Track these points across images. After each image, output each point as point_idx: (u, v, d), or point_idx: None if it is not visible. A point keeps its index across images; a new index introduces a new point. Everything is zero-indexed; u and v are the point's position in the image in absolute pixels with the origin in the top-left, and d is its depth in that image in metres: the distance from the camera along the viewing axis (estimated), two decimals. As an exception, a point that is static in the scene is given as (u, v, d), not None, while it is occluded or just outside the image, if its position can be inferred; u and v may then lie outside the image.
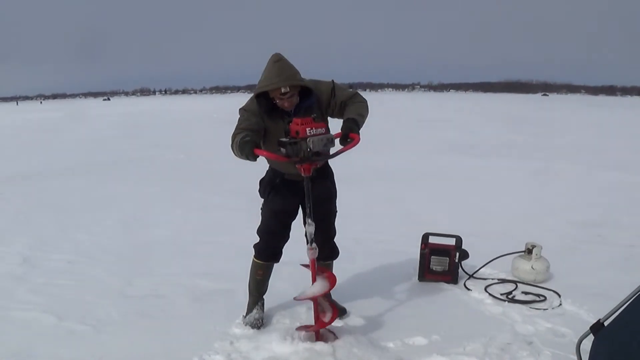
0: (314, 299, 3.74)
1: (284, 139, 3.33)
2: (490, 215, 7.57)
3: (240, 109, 3.69)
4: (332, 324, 3.83)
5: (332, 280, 3.67)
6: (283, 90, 3.45)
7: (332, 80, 3.82)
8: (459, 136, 19.33)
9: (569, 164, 12.44)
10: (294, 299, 3.87)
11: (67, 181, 10.87)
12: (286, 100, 3.52)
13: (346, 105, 3.71)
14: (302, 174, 3.44)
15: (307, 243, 3.64)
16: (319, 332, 3.79)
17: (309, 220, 3.58)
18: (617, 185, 9.88)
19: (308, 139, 3.22)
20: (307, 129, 3.24)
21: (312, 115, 3.43)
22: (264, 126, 3.63)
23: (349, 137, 3.47)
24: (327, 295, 3.83)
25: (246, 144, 3.29)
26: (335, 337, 3.78)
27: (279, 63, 3.46)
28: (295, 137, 3.27)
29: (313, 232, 3.59)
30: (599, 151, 15.02)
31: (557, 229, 6.78)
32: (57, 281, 5.09)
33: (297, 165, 3.41)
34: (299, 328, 3.92)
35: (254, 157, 3.30)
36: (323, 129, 3.31)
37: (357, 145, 3.48)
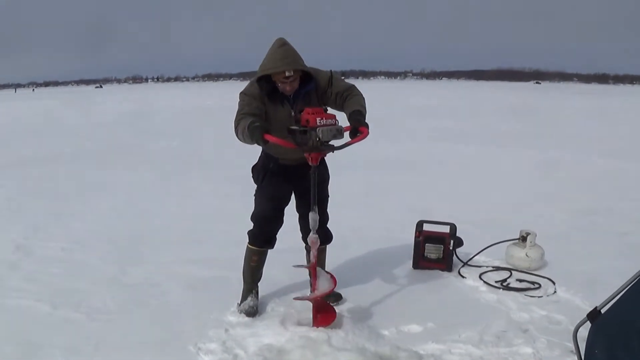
0: (314, 300, 3.75)
1: (294, 127, 3.39)
2: (485, 203, 7.57)
3: (240, 93, 3.69)
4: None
5: (333, 281, 3.74)
6: (287, 73, 3.47)
7: (331, 71, 3.84)
8: (452, 125, 19.30)
9: (563, 151, 12.44)
10: (294, 299, 3.94)
11: (61, 168, 10.84)
12: (288, 84, 3.54)
13: (345, 98, 3.74)
14: (310, 163, 3.46)
15: (312, 231, 3.65)
16: (317, 306, 3.78)
17: (315, 209, 3.59)
18: (611, 173, 9.90)
19: (317, 129, 3.25)
20: (318, 119, 3.27)
21: (324, 107, 3.49)
22: (265, 110, 3.64)
23: (358, 130, 3.50)
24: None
25: (256, 129, 3.29)
26: (334, 316, 3.77)
27: (284, 47, 3.50)
28: (305, 126, 3.30)
29: (317, 219, 3.63)
30: (592, 139, 15.02)
31: (551, 217, 6.78)
32: (50, 269, 5.04)
33: (305, 154, 3.42)
34: (297, 298, 3.96)
35: (264, 142, 3.31)
36: (333, 120, 3.34)
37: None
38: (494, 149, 13.03)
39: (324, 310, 3.79)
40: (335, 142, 3.37)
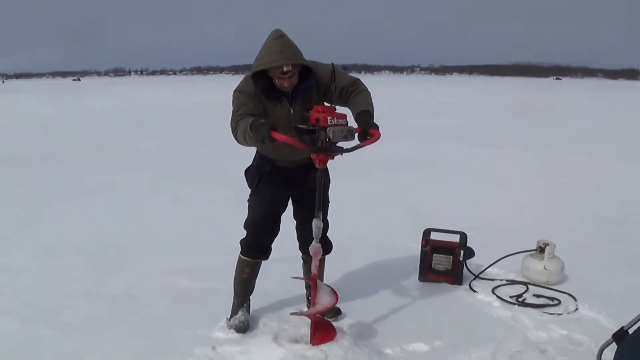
0: (313, 316, 3.74)
1: (302, 126, 3.36)
2: (498, 210, 7.56)
3: (234, 91, 3.66)
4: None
5: (335, 296, 3.71)
6: (285, 68, 3.44)
7: (332, 64, 3.82)
8: (463, 123, 19.34)
9: (584, 154, 12.47)
10: (291, 314, 3.94)
11: (33, 170, 10.78)
12: (286, 79, 3.52)
13: (350, 93, 3.74)
14: (316, 165, 3.43)
15: (314, 240, 3.64)
16: (315, 324, 3.76)
17: (319, 215, 3.58)
18: (638, 177, 9.88)
19: (328, 129, 3.24)
20: (329, 118, 3.25)
21: (333, 105, 3.47)
22: (262, 108, 3.62)
23: (369, 133, 3.50)
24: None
25: (262, 125, 3.27)
26: (334, 334, 3.76)
27: (281, 39, 3.47)
28: (314, 125, 3.28)
29: (322, 227, 3.61)
30: (617, 140, 15.05)
31: (572, 225, 6.78)
32: (19, 280, 5.03)
33: (312, 156, 3.41)
34: (294, 314, 3.95)
35: (271, 140, 3.28)
36: (344, 119, 3.33)
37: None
38: (507, 151, 13.04)
39: (323, 327, 3.78)
40: (344, 144, 3.36)
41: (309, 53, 3.58)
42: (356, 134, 3.45)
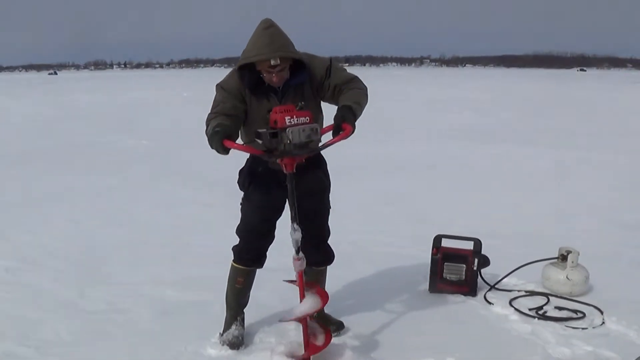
0: (303, 320, 3.73)
1: (260, 130, 3.36)
2: (516, 214, 7.58)
3: (217, 85, 3.69)
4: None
5: (323, 297, 3.69)
6: (273, 62, 3.43)
7: (330, 58, 3.82)
8: (476, 120, 19.39)
9: (610, 153, 12.49)
10: (280, 320, 3.89)
11: (5, 172, 10.77)
12: (275, 74, 3.50)
13: (342, 91, 3.73)
14: (284, 171, 3.46)
15: (294, 252, 3.63)
16: (307, 326, 3.75)
17: (294, 226, 3.57)
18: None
19: (287, 130, 3.24)
20: (287, 118, 3.26)
21: (300, 103, 3.51)
22: (244, 108, 3.63)
23: (341, 127, 3.49)
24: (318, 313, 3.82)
25: (216, 134, 3.30)
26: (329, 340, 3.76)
27: (269, 30, 3.46)
28: (274, 127, 3.29)
29: (300, 239, 3.60)
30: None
31: (597, 231, 6.79)
32: (-8, 292, 5.04)
33: (277, 161, 3.43)
34: (282, 320, 3.90)
35: (224, 150, 3.32)
36: (307, 117, 3.33)
37: (350, 136, 3.49)
38: (525, 150, 13.06)
39: (317, 333, 3.79)
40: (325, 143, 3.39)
41: (309, 44, 3.57)
42: (331, 132, 3.48)
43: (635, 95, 35.84)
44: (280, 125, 3.24)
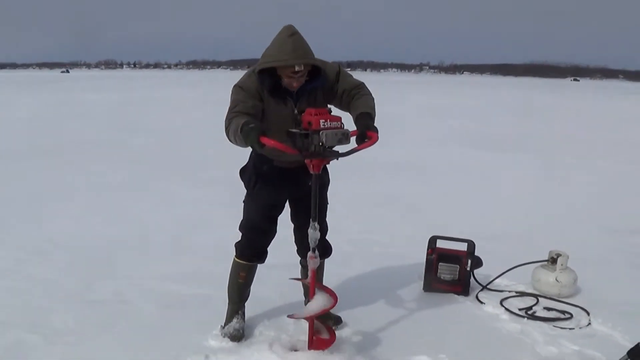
0: (311, 319, 3.75)
1: (294, 130, 3.39)
2: (508, 218, 7.58)
3: (235, 86, 3.68)
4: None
5: (333, 297, 3.71)
6: (297, 68, 3.47)
7: (339, 64, 3.87)
8: (472, 126, 19.40)
9: (600, 160, 12.49)
10: (289, 316, 3.91)
11: (13, 167, 10.76)
12: (296, 79, 3.55)
13: (352, 96, 3.78)
14: (311, 171, 3.47)
15: (311, 250, 3.66)
16: (312, 325, 3.77)
17: (314, 225, 3.61)
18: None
19: (321, 132, 3.26)
20: (321, 121, 3.27)
21: (328, 107, 3.52)
22: (262, 107, 3.64)
23: (367, 135, 3.53)
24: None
25: (252, 130, 3.27)
26: (334, 339, 3.78)
27: (293, 37, 3.48)
28: (307, 129, 3.31)
29: (318, 238, 3.64)
30: (635, 146, 15.09)
31: (586, 236, 6.79)
32: (2, 284, 5.05)
33: (306, 161, 3.43)
34: (290, 315, 3.92)
35: (260, 146, 3.30)
36: (338, 122, 3.35)
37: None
38: (518, 156, 13.06)
39: (322, 332, 3.81)
40: (340, 148, 3.38)
41: (314, 49, 3.59)
42: (353, 137, 3.49)
43: (626, 105, 35.84)
44: (315, 127, 3.26)
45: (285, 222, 4.10)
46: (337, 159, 3.42)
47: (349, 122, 3.53)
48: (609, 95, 49.91)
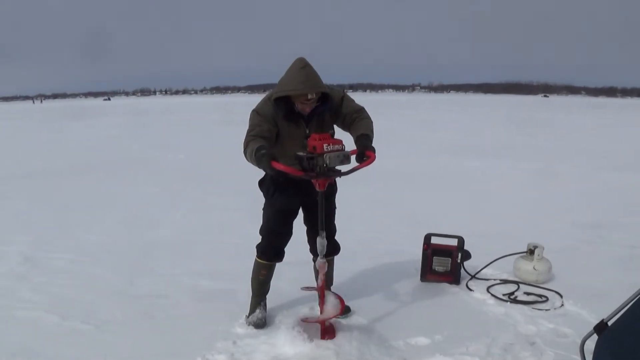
0: (321, 322, 3.79)
1: (300, 153, 3.42)
2: (492, 216, 7.58)
3: (253, 111, 3.71)
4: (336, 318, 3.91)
5: (341, 303, 3.75)
6: (310, 96, 3.52)
7: (343, 90, 3.92)
8: (459, 138, 19.36)
9: (570, 165, 12.46)
10: (301, 319, 3.93)
11: (69, 181, 10.87)
12: (309, 105, 3.59)
13: (354, 119, 3.81)
14: (317, 189, 3.50)
15: (319, 257, 3.70)
16: (324, 326, 3.80)
17: (322, 234, 3.63)
18: (618, 187, 9.88)
19: (325, 155, 3.30)
20: (325, 145, 3.31)
21: (330, 132, 3.59)
22: (276, 131, 3.67)
23: (365, 154, 3.55)
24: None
25: (263, 156, 3.31)
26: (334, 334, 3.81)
27: (306, 69, 3.53)
28: (312, 152, 3.34)
29: (326, 245, 3.66)
30: (599, 152, 15.03)
31: (559, 230, 6.79)
32: (58, 280, 5.09)
33: (312, 180, 3.46)
34: (304, 320, 3.93)
35: (271, 170, 3.33)
36: (340, 145, 3.38)
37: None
38: (500, 162, 13.02)
39: (331, 325, 3.85)
40: (342, 167, 3.41)
41: (319, 71, 3.62)
42: (353, 156, 3.52)
43: (590, 118, 35.81)
44: (319, 150, 3.30)
45: (299, 225, 4.12)
46: (340, 177, 3.45)
47: (349, 141, 3.56)
48: (575, 109, 49.79)
